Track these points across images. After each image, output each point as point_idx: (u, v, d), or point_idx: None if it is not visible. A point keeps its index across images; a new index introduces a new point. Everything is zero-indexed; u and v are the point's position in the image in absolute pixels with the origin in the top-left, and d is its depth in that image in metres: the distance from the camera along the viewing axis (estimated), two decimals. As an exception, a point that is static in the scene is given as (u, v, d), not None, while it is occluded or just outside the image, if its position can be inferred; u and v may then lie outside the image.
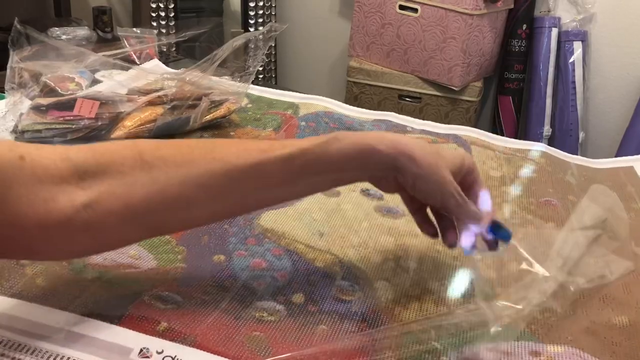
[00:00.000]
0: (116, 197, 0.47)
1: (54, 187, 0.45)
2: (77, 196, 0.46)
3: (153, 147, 0.50)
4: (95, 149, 0.49)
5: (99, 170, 0.47)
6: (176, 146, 0.51)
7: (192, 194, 0.49)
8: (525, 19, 2.03)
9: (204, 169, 0.49)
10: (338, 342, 0.51)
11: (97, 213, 0.46)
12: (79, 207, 0.45)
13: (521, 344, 0.54)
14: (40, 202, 0.44)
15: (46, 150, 0.47)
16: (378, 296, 0.58)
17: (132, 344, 0.48)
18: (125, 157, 0.48)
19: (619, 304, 0.60)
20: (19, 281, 0.54)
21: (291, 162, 0.51)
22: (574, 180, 0.90)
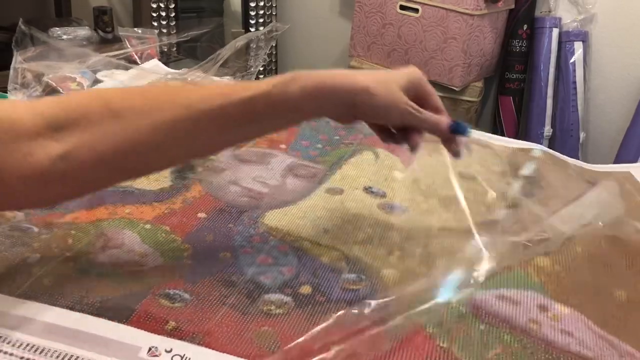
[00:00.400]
0: (88, 147, 0.49)
1: (31, 142, 0.48)
2: (52, 149, 0.48)
3: (119, 97, 0.52)
4: (64, 102, 0.52)
5: (70, 122, 0.49)
6: (142, 94, 0.54)
7: (160, 139, 0.51)
8: (526, 19, 2.03)
9: (170, 115, 0.51)
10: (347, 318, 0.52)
11: (72, 163, 0.49)
12: (54, 158, 0.48)
13: (530, 294, 0.55)
14: (20, 157, 0.47)
15: (18, 106, 0.50)
16: (386, 282, 0.59)
17: (140, 343, 0.48)
18: (93, 108, 0.50)
19: (620, 276, 0.62)
20: (26, 281, 0.54)
21: (253, 104, 0.53)
22: (575, 175, 0.91)
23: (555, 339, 0.51)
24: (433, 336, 0.51)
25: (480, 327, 0.52)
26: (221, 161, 0.82)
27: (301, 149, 0.89)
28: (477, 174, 0.86)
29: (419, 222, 0.71)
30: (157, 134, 0.51)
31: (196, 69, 0.92)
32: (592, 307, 0.56)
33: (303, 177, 0.81)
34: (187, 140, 0.53)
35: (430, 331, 0.51)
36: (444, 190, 0.80)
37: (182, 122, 0.52)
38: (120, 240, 0.62)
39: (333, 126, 0.99)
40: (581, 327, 0.53)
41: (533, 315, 0.54)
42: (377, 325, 0.51)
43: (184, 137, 0.53)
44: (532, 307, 0.54)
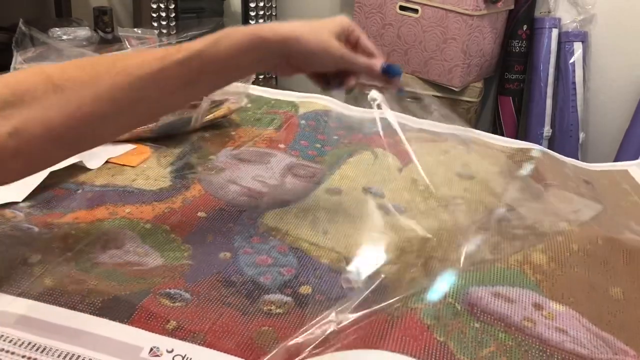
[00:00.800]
0: (37, 121, 0.50)
1: None
2: (1, 126, 0.48)
3: (60, 70, 0.53)
4: (7, 80, 0.52)
5: (16, 99, 0.50)
6: (80, 66, 0.54)
7: (105, 108, 0.52)
8: (526, 19, 2.03)
9: (110, 84, 0.52)
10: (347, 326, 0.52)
11: (23, 139, 0.49)
12: (5, 135, 0.48)
13: (525, 292, 0.55)
14: None
15: None
16: (385, 277, 0.59)
17: (142, 343, 0.48)
18: (36, 84, 0.51)
19: (616, 274, 0.62)
20: (27, 281, 0.54)
21: (188, 64, 0.54)
22: (572, 174, 0.91)
23: (550, 336, 0.52)
24: (431, 328, 0.51)
25: (475, 325, 0.52)
26: (220, 161, 0.83)
27: (300, 148, 0.89)
28: (476, 174, 0.87)
29: (418, 223, 0.71)
30: (101, 103, 0.52)
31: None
32: (588, 304, 0.57)
33: (302, 177, 0.81)
34: (131, 107, 0.54)
35: (428, 323, 0.51)
36: (442, 191, 0.81)
37: (122, 90, 0.53)
38: (121, 240, 0.62)
39: (332, 126, 0.99)
40: (576, 325, 0.53)
41: (528, 313, 0.54)
42: (373, 309, 0.52)
43: (127, 105, 0.54)
44: (527, 305, 0.54)
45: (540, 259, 0.62)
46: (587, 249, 0.65)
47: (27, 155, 0.51)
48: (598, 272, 0.62)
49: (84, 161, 0.75)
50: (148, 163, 0.80)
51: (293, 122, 0.99)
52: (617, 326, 0.55)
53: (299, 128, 0.97)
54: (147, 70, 0.53)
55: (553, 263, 0.61)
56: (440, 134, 1.01)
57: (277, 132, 0.95)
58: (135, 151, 0.83)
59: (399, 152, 0.91)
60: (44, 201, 0.68)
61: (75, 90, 0.51)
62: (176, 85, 0.55)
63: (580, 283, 0.59)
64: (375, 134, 0.97)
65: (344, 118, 1.03)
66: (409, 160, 0.89)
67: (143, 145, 0.85)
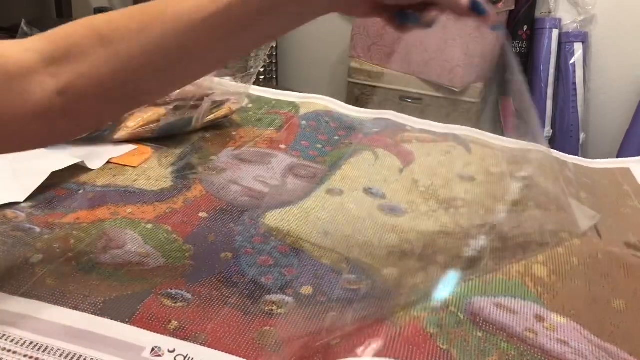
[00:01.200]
0: (85, 77, 0.47)
1: (25, 80, 0.46)
2: (49, 84, 0.46)
3: (107, 21, 0.49)
4: (52, 35, 0.49)
5: (62, 55, 0.47)
6: (128, 15, 0.50)
7: (155, 60, 0.48)
8: (526, 20, 2.03)
9: (160, 33, 0.48)
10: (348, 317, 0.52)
11: (71, 97, 0.47)
12: (52, 94, 0.46)
13: (527, 304, 0.55)
14: (15, 97, 0.45)
15: (6, 45, 0.47)
16: (386, 279, 0.60)
17: (143, 343, 0.49)
18: (83, 37, 0.48)
19: (618, 286, 0.62)
20: (28, 281, 0.55)
21: (247, 3, 0.48)
22: (572, 176, 0.91)
23: (552, 347, 0.52)
24: (434, 337, 0.51)
25: (478, 334, 0.52)
26: (221, 161, 0.83)
27: (301, 149, 0.89)
28: (476, 175, 0.87)
29: (418, 225, 0.72)
30: (151, 54, 0.48)
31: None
32: (590, 317, 0.56)
33: (303, 177, 0.81)
34: (184, 58, 0.50)
35: (431, 331, 0.52)
36: (443, 192, 0.81)
37: (174, 39, 0.48)
38: (122, 241, 0.62)
39: (333, 127, 0.99)
40: (577, 337, 0.53)
41: (529, 324, 0.54)
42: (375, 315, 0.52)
43: (179, 56, 0.49)
44: (528, 317, 0.54)
45: (541, 271, 0.62)
46: (588, 263, 0.65)
47: (76, 114, 0.48)
48: (599, 285, 0.62)
49: (85, 161, 0.76)
50: (149, 163, 0.81)
51: (294, 123, 0.99)
52: (621, 337, 0.55)
53: (299, 128, 0.97)
54: (201, 15, 0.48)
55: (554, 276, 0.61)
56: (441, 134, 1.01)
57: (278, 132, 0.95)
58: (136, 151, 0.83)
59: (400, 153, 0.91)
60: (46, 201, 0.68)
61: (123, 41, 0.47)
62: (233, 29, 0.49)
63: (581, 296, 0.59)
64: (375, 134, 0.97)
65: (344, 118, 1.03)
66: (410, 160, 0.89)
67: (144, 146, 0.85)
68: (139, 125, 0.87)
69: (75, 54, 0.47)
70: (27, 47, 0.47)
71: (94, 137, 0.86)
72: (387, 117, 1.06)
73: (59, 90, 0.46)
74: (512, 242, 0.67)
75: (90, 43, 0.47)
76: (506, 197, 0.81)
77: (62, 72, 0.46)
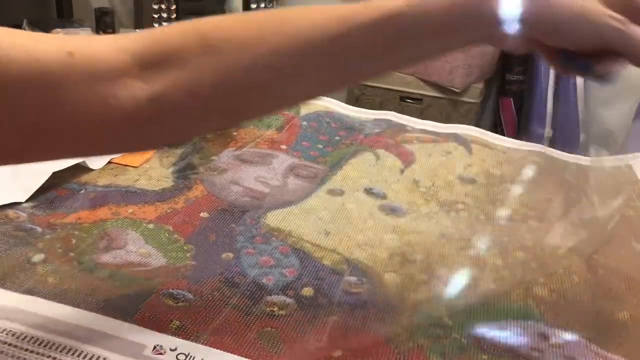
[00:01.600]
0: (182, 87, 0.42)
1: (113, 83, 0.41)
2: (140, 90, 0.41)
3: (217, 28, 0.44)
4: (153, 35, 0.44)
5: (160, 59, 0.42)
6: (241, 23, 0.44)
7: (264, 76, 0.43)
8: (526, 20, 2.03)
9: (274, 48, 0.42)
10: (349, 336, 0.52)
11: (163, 106, 0.42)
12: (142, 102, 0.41)
13: (531, 324, 0.55)
14: (98, 101, 0.40)
15: (98, 42, 0.42)
16: (387, 285, 0.60)
17: (145, 341, 0.49)
18: (187, 42, 0.43)
19: (621, 299, 0.62)
20: (30, 279, 0.55)
21: (381, 29, 0.42)
22: (574, 180, 0.91)
23: None
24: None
25: (483, 357, 0.52)
26: (222, 161, 0.83)
27: (302, 149, 0.90)
28: (477, 177, 0.87)
29: (419, 226, 0.72)
30: (259, 70, 0.43)
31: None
32: (595, 331, 0.56)
33: (304, 177, 0.81)
34: (297, 78, 0.44)
35: (433, 360, 0.52)
36: (444, 194, 0.81)
37: (288, 57, 0.43)
38: (124, 241, 0.62)
39: (334, 127, 0.99)
40: (584, 352, 0.53)
41: (535, 343, 0.54)
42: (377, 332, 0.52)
43: (292, 74, 0.44)
44: (533, 336, 0.54)
45: (542, 292, 0.61)
46: (588, 279, 0.64)
47: (168, 123, 0.43)
48: (602, 299, 0.61)
49: (86, 161, 0.76)
50: (150, 163, 0.81)
51: (295, 123, 0.99)
52: (629, 347, 0.55)
53: (300, 129, 0.97)
54: (323, 34, 0.42)
55: (555, 295, 0.61)
56: (442, 134, 1.01)
57: (278, 133, 0.95)
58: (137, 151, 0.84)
59: (401, 153, 0.91)
60: (47, 201, 0.69)
61: (231, 52, 0.42)
62: (360, 54, 0.43)
63: (584, 311, 0.59)
64: (376, 135, 0.97)
65: (345, 119, 1.03)
66: (411, 161, 0.89)
67: (145, 146, 0.85)
68: (140, 126, 0.87)
69: (175, 59, 0.42)
70: (121, 47, 0.42)
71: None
72: (387, 117, 1.06)
73: (151, 97, 0.42)
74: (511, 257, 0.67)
75: (193, 50, 0.42)
76: (506, 202, 0.81)
77: (157, 78, 0.42)
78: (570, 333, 0.56)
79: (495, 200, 0.81)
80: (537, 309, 0.58)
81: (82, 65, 0.40)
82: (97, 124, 0.41)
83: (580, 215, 0.77)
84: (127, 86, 0.41)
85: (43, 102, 0.38)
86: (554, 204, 0.82)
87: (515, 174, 0.90)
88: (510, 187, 0.85)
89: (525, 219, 0.77)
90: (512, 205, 0.80)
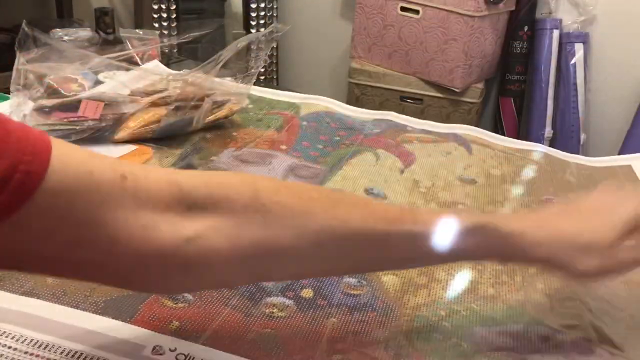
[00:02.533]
0: (224, 235, 0.42)
1: (157, 214, 0.41)
2: (182, 228, 0.41)
3: (272, 189, 0.46)
4: (210, 178, 0.45)
5: (210, 202, 0.43)
6: (297, 193, 0.47)
7: (305, 248, 0.45)
8: (527, 20, 2.03)
9: (322, 226, 0.45)
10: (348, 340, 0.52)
11: (201, 249, 0.42)
12: (182, 239, 0.41)
13: (531, 328, 0.55)
14: (138, 229, 0.40)
15: (153, 172, 0.43)
16: (386, 288, 0.59)
17: (144, 342, 0.49)
18: (240, 194, 0.44)
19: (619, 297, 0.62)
20: (29, 280, 0.55)
21: (414, 241, 0.47)
22: (574, 179, 0.91)
23: None
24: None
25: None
26: (222, 162, 0.83)
27: (302, 149, 0.89)
28: (477, 178, 0.87)
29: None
30: (303, 241, 0.44)
31: (197, 70, 0.92)
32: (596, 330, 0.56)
33: (304, 177, 0.81)
34: (334, 258, 0.47)
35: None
36: (444, 194, 0.81)
37: (334, 238, 0.45)
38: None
39: (334, 127, 0.99)
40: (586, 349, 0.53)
41: (535, 346, 0.54)
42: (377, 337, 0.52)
43: (331, 253, 0.46)
44: (533, 339, 0.54)
45: (540, 298, 0.61)
46: None
47: (199, 269, 0.43)
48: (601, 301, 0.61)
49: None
50: (150, 164, 0.81)
51: (294, 124, 0.99)
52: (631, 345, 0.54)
53: (300, 129, 0.97)
54: (372, 229, 0.46)
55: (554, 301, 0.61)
56: (442, 134, 1.01)
57: (278, 133, 0.95)
58: (137, 152, 0.83)
59: (401, 153, 0.91)
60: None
61: (281, 217, 0.44)
62: (398, 254, 0.48)
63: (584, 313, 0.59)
64: (376, 135, 0.97)
65: (345, 119, 1.03)
66: (411, 161, 0.89)
67: (145, 146, 0.85)
68: (140, 126, 0.87)
69: (225, 207, 0.43)
70: (174, 181, 0.42)
71: (95, 138, 0.86)
72: (387, 117, 1.06)
73: (191, 237, 0.41)
74: None
75: (245, 202, 0.43)
76: (506, 203, 0.81)
77: (202, 219, 0.42)
78: (570, 334, 0.55)
79: (495, 201, 0.81)
80: (537, 314, 0.58)
81: (131, 190, 0.40)
82: (130, 251, 0.40)
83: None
84: (170, 221, 0.41)
85: (87, 216, 0.38)
86: (554, 204, 0.81)
87: (515, 174, 0.90)
88: (510, 187, 0.85)
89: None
90: (512, 206, 0.80)
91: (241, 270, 0.45)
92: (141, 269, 0.42)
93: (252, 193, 0.44)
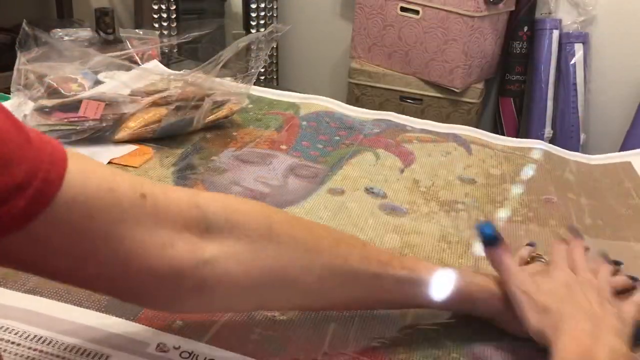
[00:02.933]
0: (238, 260, 0.44)
1: (174, 234, 0.41)
2: (199, 249, 0.42)
3: (286, 223, 0.48)
4: (228, 203, 0.47)
5: (227, 227, 0.44)
6: (308, 229, 0.50)
7: (310, 282, 0.48)
8: (527, 20, 2.03)
9: (325, 262, 0.48)
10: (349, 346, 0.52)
11: (216, 272, 0.43)
12: (199, 260, 0.42)
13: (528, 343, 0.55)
14: (155, 246, 0.40)
15: (173, 192, 0.44)
16: None
17: (148, 339, 0.49)
18: (257, 223, 0.46)
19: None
20: (32, 278, 0.55)
21: (401, 287, 0.52)
22: (573, 178, 0.91)
23: None
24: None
25: None
26: (222, 162, 0.83)
27: (302, 149, 0.90)
28: (476, 177, 0.87)
29: (419, 226, 0.71)
30: (309, 275, 0.48)
31: (198, 70, 0.92)
32: None
33: (304, 177, 0.81)
34: (333, 292, 0.50)
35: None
36: (444, 194, 0.81)
37: (335, 274, 0.49)
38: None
39: (333, 127, 0.99)
40: None
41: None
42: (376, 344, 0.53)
43: (331, 288, 0.50)
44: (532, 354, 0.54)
45: None
46: None
47: (210, 291, 0.44)
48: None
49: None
50: (150, 164, 0.81)
51: (294, 123, 0.99)
52: None
53: (300, 129, 0.97)
54: (366, 269, 0.50)
55: None
56: (441, 134, 1.01)
57: (278, 133, 0.95)
58: (137, 152, 0.84)
59: (401, 153, 0.91)
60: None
61: (290, 249, 0.47)
62: (388, 296, 0.52)
63: None
64: (376, 135, 0.97)
65: (345, 119, 1.03)
66: (411, 161, 0.89)
67: (145, 146, 0.85)
68: (140, 126, 0.87)
69: (240, 232, 0.45)
70: (194, 203, 0.44)
71: (95, 138, 0.86)
72: (387, 117, 1.06)
73: (207, 259, 0.42)
74: None
75: (259, 231, 0.46)
76: (506, 203, 0.81)
77: (219, 243, 0.43)
78: None
79: (495, 201, 0.81)
80: None
81: (151, 208, 0.41)
82: (145, 269, 0.40)
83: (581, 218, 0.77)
84: (188, 241, 0.42)
85: (105, 231, 0.38)
86: (553, 207, 0.81)
87: (514, 174, 0.90)
88: (510, 187, 0.85)
89: (525, 220, 0.77)
90: (512, 205, 0.80)
91: (249, 297, 0.47)
92: (154, 286, 0.42)
93: (268, 223, 0.46)
